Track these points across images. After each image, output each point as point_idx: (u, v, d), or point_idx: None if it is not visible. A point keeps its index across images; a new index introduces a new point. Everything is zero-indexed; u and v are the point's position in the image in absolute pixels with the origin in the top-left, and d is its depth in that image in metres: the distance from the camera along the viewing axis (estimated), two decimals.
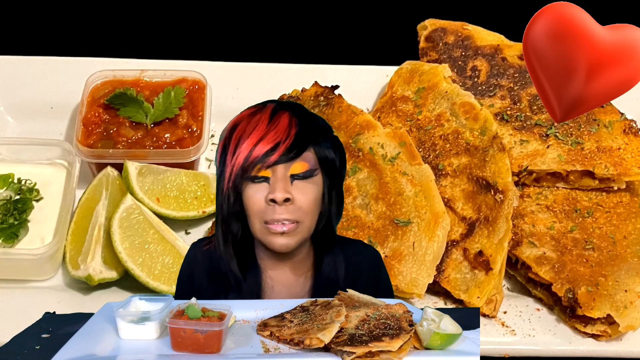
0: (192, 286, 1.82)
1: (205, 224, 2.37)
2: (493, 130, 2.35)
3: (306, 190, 1.68)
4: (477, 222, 2.24)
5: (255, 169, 1.66)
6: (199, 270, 1.82)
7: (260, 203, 1.67)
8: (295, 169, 1.67)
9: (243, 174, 1.66)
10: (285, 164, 1.66)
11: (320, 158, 1.71)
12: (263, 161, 1.65)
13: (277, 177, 1.66)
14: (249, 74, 2.67)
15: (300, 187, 1.68)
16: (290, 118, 1.70)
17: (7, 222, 2.21)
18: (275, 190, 1.65)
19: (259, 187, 1.67)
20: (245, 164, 1.66)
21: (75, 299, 2.20)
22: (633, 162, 2.32)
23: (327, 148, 1.73)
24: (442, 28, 2.65)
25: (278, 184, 1.65)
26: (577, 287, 2.12)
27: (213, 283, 1.78)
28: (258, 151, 1.65)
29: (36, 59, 2.65)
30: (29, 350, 1.62)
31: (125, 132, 2.37)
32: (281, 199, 1.65)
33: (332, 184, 1.75)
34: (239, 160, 1.66)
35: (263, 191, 1.67)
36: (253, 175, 1.67)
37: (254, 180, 1.67)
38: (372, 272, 1.84)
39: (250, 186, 1.68)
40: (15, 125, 2.58)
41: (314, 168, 1.70)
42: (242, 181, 1.68)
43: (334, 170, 1.75)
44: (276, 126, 1.68)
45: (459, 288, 2.17)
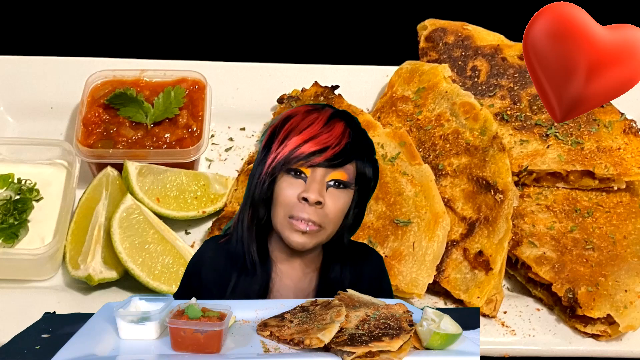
0: (197, 282, 1.83)
1: (206, 224, 2.37)
2: (493, 130, 2.35)
3: (338, 199, 1.72)
4: (477, 222, 2.24)
5: (299, 163, 1.69)
6: (206, 267, 1.83)
7: (291, 197, 1.70)
8: (334, 176, 1.71)
9: (284, 164, 1.70)
10: (326, 168, 1.70)
11: (359, 174, 1.76)
12: (307, 159, 1.69)
13: (315, 179, 1.69)
14: (249, 74, 2.67)
15: (333, 194, 1.71)
16: (345, 127, 1.75)
17: (7, 222, 2.21)
18: (310, 190, 1.68)
19: (294, 181, 1.71)
20: (290, 155, 1.69)
21: (75, 299, 2.20)
22: (633, 162, 2.32)
23: (369, 167, 1.78)
24: (442, 28, 2.65)
25: (314, 185, 1.69)
26: (577, 287, 2.12)
27: (223, 273, 1.80)
28: (306, 148, 1.69)
29: (36, 59, 2.65)
30: (29, 350, 1.62)
31: (125, 132, 2.37)
32: (313, 200, 1.69)
33: (359, 202, 1.80)
34: (285, 151, 1.70)
35: (297, 187, 1.70)
36: (294, 167, 1.70)
37: (292, 173, 1.71)
38: (376, 278, 1.87)
39: (286, 178, 1.71)
40: (15, 125, 2.58)
41: (351, 182, 1.74)
42: (280, 170, 1.71)
43: (367, 189, 1.80)
44: (330, 130, 1.72)
45: (459, 288, 2.17)
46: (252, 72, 2.67)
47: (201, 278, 1.83)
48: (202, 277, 1.83)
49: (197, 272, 1.84)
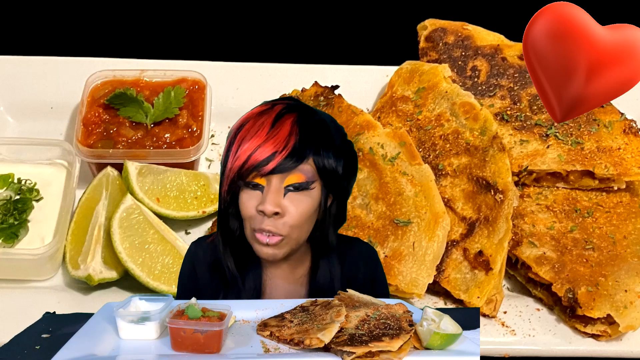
0: (195, 282, 1.82)
1: (205, 224, 2.37)
2: (493, 130, 2.35)
3: (299, 202, 1.65)
4: (477, 222, 2.24)
5: (251, 175, 1.64)
6: (200, 266, 1.81)
7: (251, 210, 1.65)
8: (290, 180, 1.64)
9: (239, 178, 1.65)
10: (280, 174, 1.63)
11: (319, 168, 1.67)
12: (258, 169, 1.62)
13: (271, 188, 1.63)
14: (249, 74, 2.67)
15: (293, 199, 1.65)
16: (292, 126, 1.66)
17: (7, 222, 2.21)
18: (266, 202, 1.62)
19: (252, 194, 1.65)
20: (242, 169, 1.64)
21: (75, 299, 2.20)
22: (633, 162, 2.32)
23: (328, 158, 1.68)
24: (442, 28, 2.65)
25: (269, 195, 1.63)
26: (577, 287, 2.12)
27: (215, 278, 1.78)
28: (255, 158, 1.62)
29: (36, 59, 2.65)
30: (29, 350, 1.62)
31: (125, 132, 2.37)
32: (270, 212, 1.63)
33: (334, 194, 1.72)
34: (237, 164, 1.64)
35: (256, 199, 1.65)
36: (248, 181, 1.65)
37: (250, 186, 1.66)
38: (369, 270, 1.83)
39: (245, 191, 1.66)
40: (15, 125, 2.58)
41: (311, 180, 1.66)
42: (238, 184, 1.66)
43: (336, 180, 1.70)
44: (276, 134, 1.64)
45: (459, 288, 2.17)
46: (252, 72, 2.67)
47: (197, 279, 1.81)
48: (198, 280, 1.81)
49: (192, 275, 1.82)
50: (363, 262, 1.84)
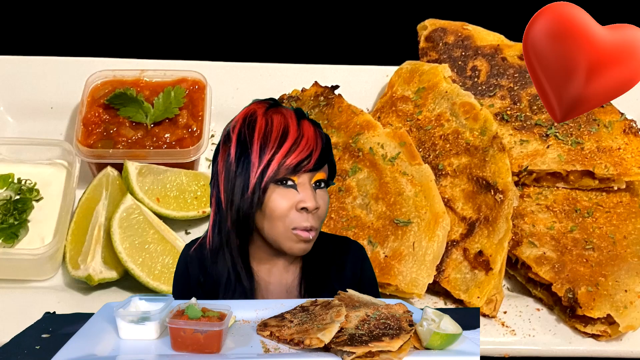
0: (188, 282, 1.83)
1: (205, 224, 2.37)
2: (493, 130, 2.35)
3: (324, 198, 1.74)
4: (477, 222, 2.24)
5: (286, 173, 1.68)
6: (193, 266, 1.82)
7: (288, 209, 1.69)
8: (318, 177, 1.72)
9: (274, 176, 1.67)
10: (311, 172, 1.70)
11: (330, 167, 1.78)
12: (298, 168, 1.67)
13: (305, 185, 1.69)
14: (249, 74, 2.67)
15: (320, 195, 1.73)
16: (310, 125, 1.74)
17: (7, 222, 2.21)
18: (307, 199, 1.68)
19: (286, 192, 1.69)
20: (280, 168, 1.67)
21: (75, 299, 2.20)
22: (633, 162, 2.32)
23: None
24: (442, 28, 2.65)
25: (308, 192, 1.68)
26: (577, 287, 2.12)
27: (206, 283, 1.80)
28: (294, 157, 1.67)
29: (36, 59, 2.65)
30: (29, 350, 1.62)
31: (125, 132, 2.37)
32: (312, 208, 1.69)
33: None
34: (274, 165, 1.67)
35: (291, 197, 1.69)
36: (281, 178, 1.68)
37: (281, 183, 1.69)
38: (356, 265, 1.87)
39: (277, 189, 1.69)
40: (15, 125, 2.58)
41: (330, 177, 1.77)
42: (270, 183, 1.68)
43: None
44: (304, 133, 1.71)
45: (459, 288, 2.17)
46: (252, 72, 2.67)
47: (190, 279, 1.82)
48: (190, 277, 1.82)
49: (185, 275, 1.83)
50: (350, 256, 1.87)
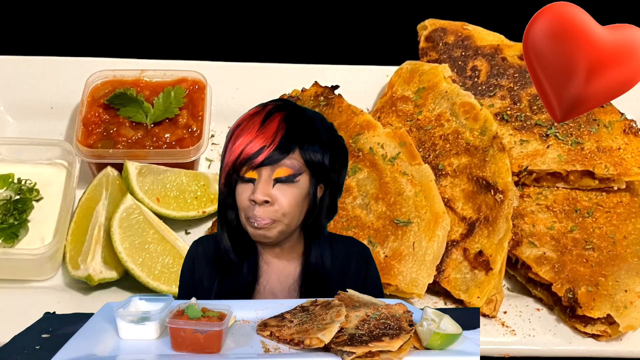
0: (193, 276, 1.89)
1: (205, 224, 2.37)
2: (493, 130, 2.35)
3: (287, 192, 1.79)
4: (477, 222, 2.24)
5: (243, 169, 1.78)
6: (200, 260, 1.90)
7: (245, 201, 1.80)
8: (278, 173, 1.78)
9: (234, 171, 1.80)
10: (270, 166, 1.78)
11: (306, 161, 1.80)
12: (249, 162, 1.78)
13: (261, 180, 1.78)
14: (249, 74, 2.67)
15: (282, 189, 1.79)
16: (280, 122, 1.81)
17: (7, 222, 2.21)
18: (256, 192, 1.77)
19: (245, 186, 1.80)
20: (235, 162, 1.79)
21: (75, 299, 2.20)
22: (633, 162, 2.32)
23: (314, 151, 1.81)
24: (442, 28, 2.65)
25: (259, 186, 1.78)
26: (577, 287, 2.12)
27: (212, 267, 1.88)
28: (246, 152, 1.79)
29: (36, 59, 2.65)
30: (29, 350, 1.62)
31: (125, 132, 2.37)
32: (260, 200, 1.77)
33: (324, 185, 1.85)
34: (231, 158, 1.80)
35: (248, 191, 1.79)
36: (242, 175, 1.79)
37: (243, 179, 1.80)
38: (360, 266, 1.91)
39: (240, 185, 1.81)
40: (15, 125, 2.58)
41: (298, 172, 1.80)
42: (233, 178, 1.81)
43: (323, 172, 1.83)
44: (266, 130, 1.80)
45: (459, 288, 2.17)
46: (252, 72, 2.67)
47: (194, 274, 1.90)
48: (195, 273, 1.90)
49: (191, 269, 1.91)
50: (355, 256, 1.90)
